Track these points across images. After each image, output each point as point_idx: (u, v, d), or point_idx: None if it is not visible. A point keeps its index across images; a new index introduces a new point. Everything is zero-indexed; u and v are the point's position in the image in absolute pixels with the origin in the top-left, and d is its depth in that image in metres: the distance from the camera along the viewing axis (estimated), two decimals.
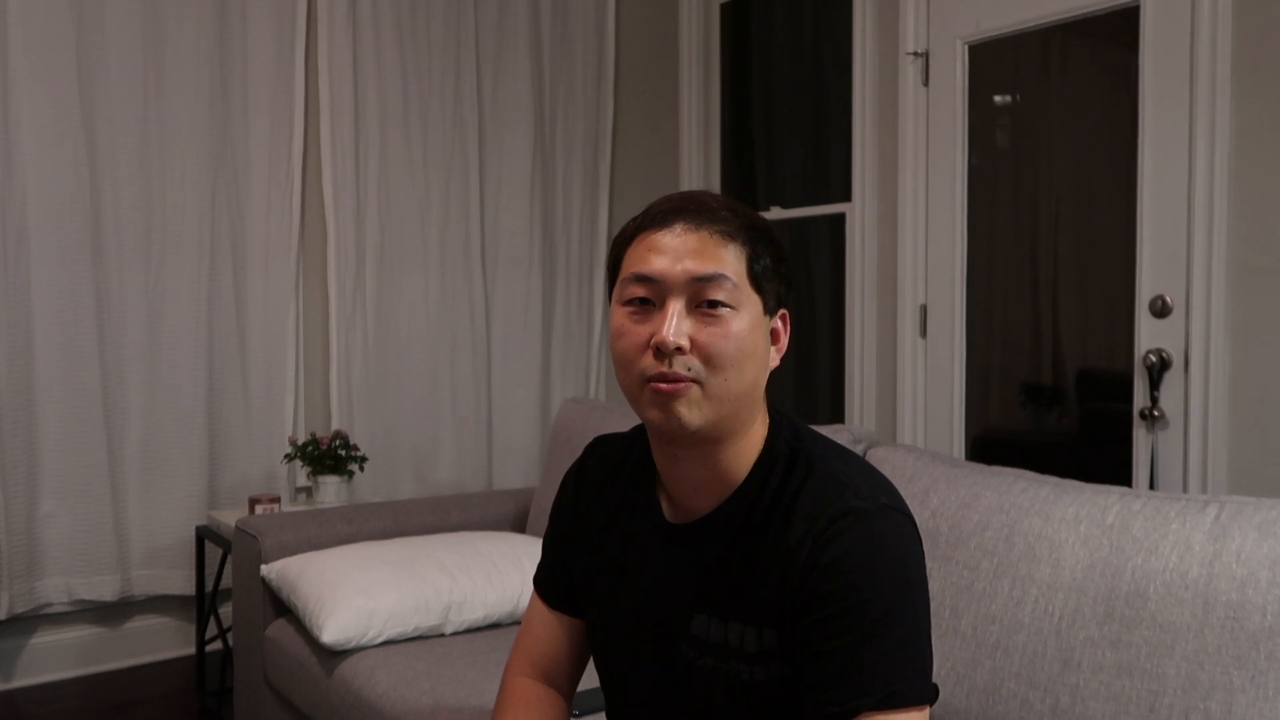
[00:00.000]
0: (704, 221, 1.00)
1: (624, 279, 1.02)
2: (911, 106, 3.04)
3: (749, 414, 1.03)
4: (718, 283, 0.97)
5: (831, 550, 0.96)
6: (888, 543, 0.97)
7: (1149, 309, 2.49)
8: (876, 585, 0.94)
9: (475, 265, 3.44)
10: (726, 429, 1.01)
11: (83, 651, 2.93)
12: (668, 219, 1.01)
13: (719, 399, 0.98)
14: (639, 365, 0.99)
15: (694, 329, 0.97)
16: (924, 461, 1.70)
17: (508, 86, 3.52)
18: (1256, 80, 2.30)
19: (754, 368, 1.00)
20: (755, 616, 1.01)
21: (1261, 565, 1.25)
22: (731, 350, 0.97)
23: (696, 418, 0.98)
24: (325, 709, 1.92)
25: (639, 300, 1.00)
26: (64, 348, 2.79)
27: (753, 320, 1.00)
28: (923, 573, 0.99)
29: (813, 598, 0.96)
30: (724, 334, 0.97)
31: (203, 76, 2.97)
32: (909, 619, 0.96)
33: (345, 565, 2.02)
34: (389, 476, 3.30)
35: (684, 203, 1.02)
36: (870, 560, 0.95)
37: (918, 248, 3.05)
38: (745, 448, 1.03)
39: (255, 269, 3.10)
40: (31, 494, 2.77)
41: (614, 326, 1.02)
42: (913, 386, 3.07)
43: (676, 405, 0.97)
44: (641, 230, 1.02)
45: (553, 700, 1.21)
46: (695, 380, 0.97)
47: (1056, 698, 1.36)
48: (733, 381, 0.98)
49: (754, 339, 1.00)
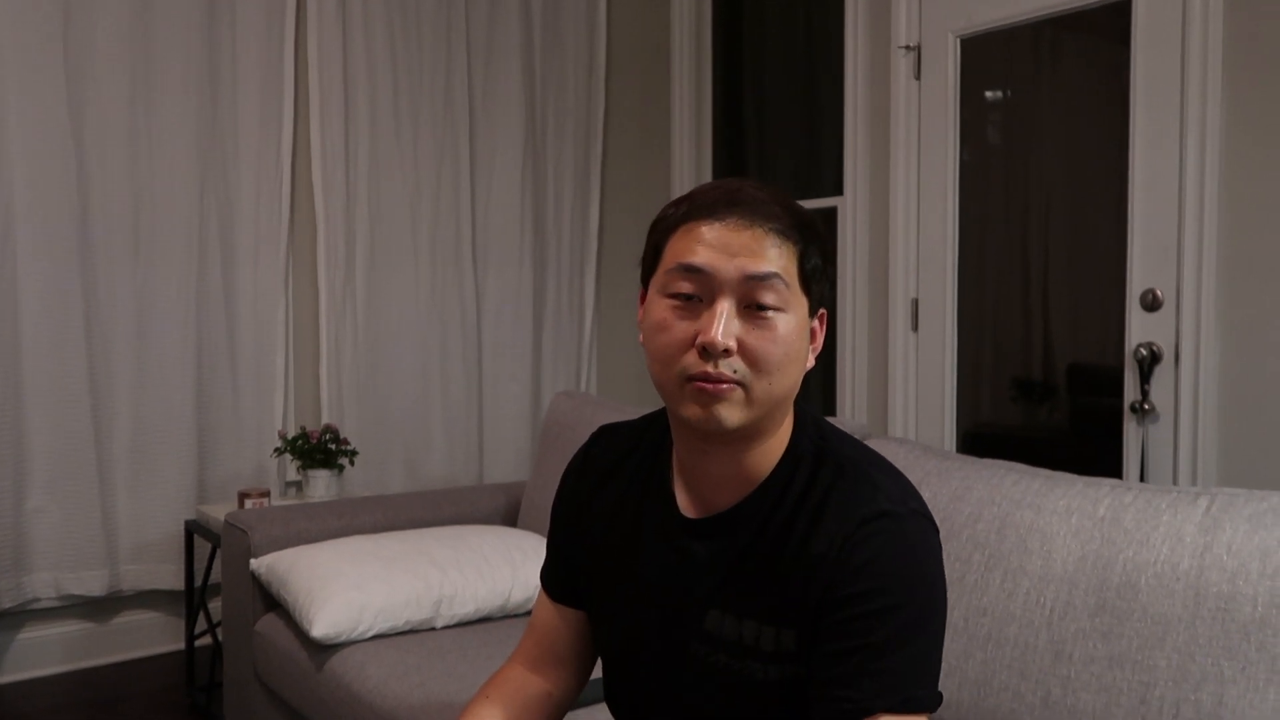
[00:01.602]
0: (758, 217, 0.95)
1: (669, 269, 0.97)
2: (903, 100, 3.04)
3: (782, 414, 1.01)
4: (770, 283, 0.94)
5: (863, 552, 0.94)
6: (918, 549, 0.96)
7: (1140, 303, 2.49)
8: (907, 590, 0.94)
9: (466, 259, 3.43)
10: (761, 429, 0.99)
11: (71, 647, 2.92)
12: (719, 211, 0.96)
13: (760, 403, 0.96)
14: (680, 362, 0.95)
15: (742, 330, 0.94)
16: (916, 454, 1.70)
17: (498, 80, 3.50)
18: (1248, 75, 2.30)
19: (796, 371, 0.98)
20: (774, 616, 0.99)
21: (1252, 557, 1.25)
22: (779, 355, 0.95)
23: (736, 418, 0.95)
24: (315, 703, 1.91)
25: (684, 295, 0.96)
26: (51, 341, 2.77)
27: (799, 323, 0.97)
28: (945, 581, 0.99)
29: (840, 598, 0.94)
30: (773, 338, 0.94)
31: (191, 70, 2.95)
32: (932, 627, 0.96)
33: (335, 559, 2.02)
34: (379, 471, 3.29)
35: (734, 194, 0.97)
36: (903, 564, 0.95)
37: (909, 242, 3.05)
38: (772, 445, 1.02)
39: (244, 263, 3.08)
40: (19, 488, 2.76)
41: (654, 319, 0.98)
42: (904, 381, 3.07)
43: (718, 406, 0.94)
44: (690, 219, 0.98)
45: (525, 684, 1.18)
46: (739, 383, 0.94)
47: (1048, 689, 1.36)
48: (776, 385, 0.96)
49: (799, 342, 0.98)
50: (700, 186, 1.02)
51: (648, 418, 1.17)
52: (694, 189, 1.02)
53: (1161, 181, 2.45)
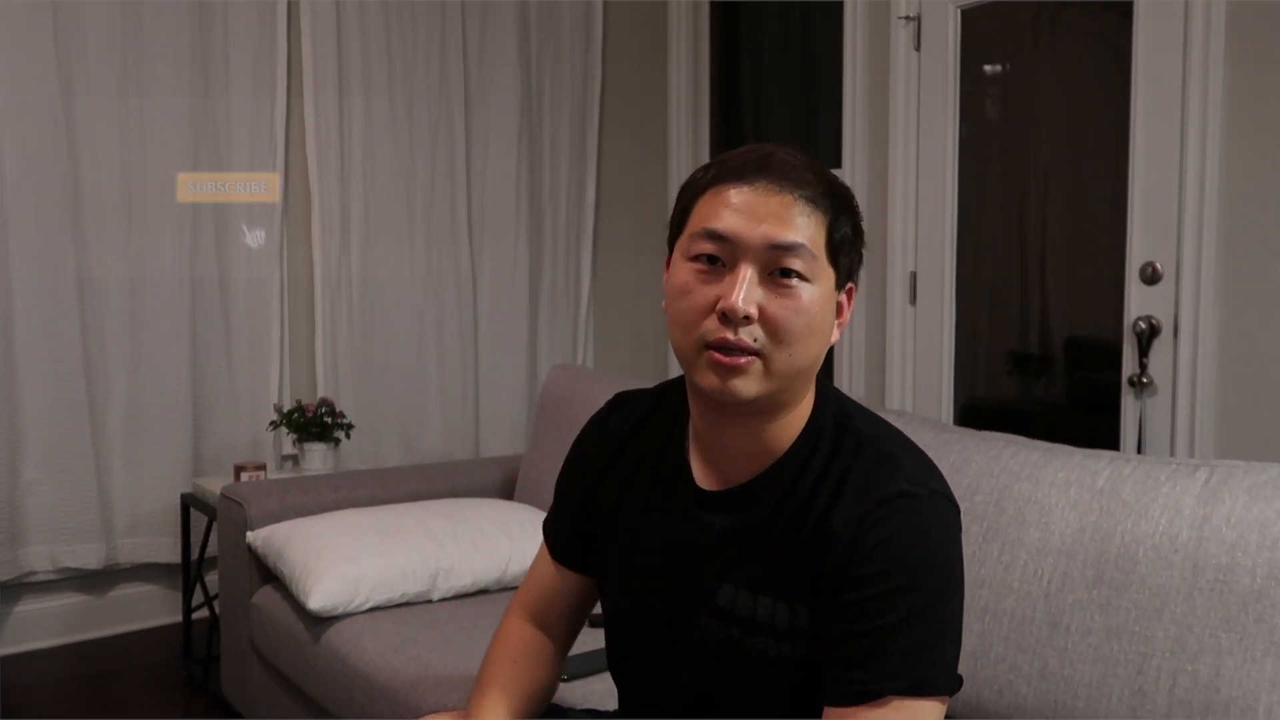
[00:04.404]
0: (786, 183, 0.93)
1: (693, 232, 0.96)
2: (903, 71, 3.01)
3: (804, 387, 1.00)
4: (796, 252, 0.92)
5: (878, 532, 0.93)
6: (935, 530, 0.95)
7: (1139, 276, 2.48)
8: (921, 572, 0.93)
9: (461, 232, 3.41)
10: (780, 402, 0.98)
11: (68, 620, 2.92)
12: (747, 175, 0.94)
13: (779, 375, 0.94)
14: (700, 328, 0.94)
15: (765, 298, 0.93)
16: (914, 426, 1.69)
17: (494, 52, 3.47)
18: (1251, 47, 2.28)
19: (819, 344, 0.96)
20: (789, 592, 0.98)
21: (1251, 529, 1.25)
22: (800, 325, 0.93)
23: (753, 390, 0.94)
24: (312, 675, 1.92)
25: (707, 258, 0.94)
26: (44, 314, 2.75)
27: (824, 294, 0.95)
28: (963, 563, 0.98)
29: (855, 578, 0.93)
30: (796, 307, 0.93)
31: (183, 41, 2.91)
32: (948, 609, 0.95)
33: (332, 532, 2.01)
34: (375, 444, 3.29)
35: (765, 159, 0.95)
36: (918, 546, 0.93)
37: (908, 214, 3.03)
38: (792, 419, 1.00)
39: (238, 235, 3.06)
40: (13, 461, 2.75)
41: (677, 282, 0.96)
42: (902, 354, 3.06)
43: (734, 379, 0.93)
44: (718, 182, 0.96)
45: (539, 643, 1.18)
46: (758, 353, 0.93)
47: (1045, 660, 1.36)
48: (797, 357, 0.94)
49: (824, 314, 0.96)
50: (732, 150, 0.99)
51: (664, 385, 1.15)
52: (726, 153, 1.00)
53: (1162, 154, 2.43)
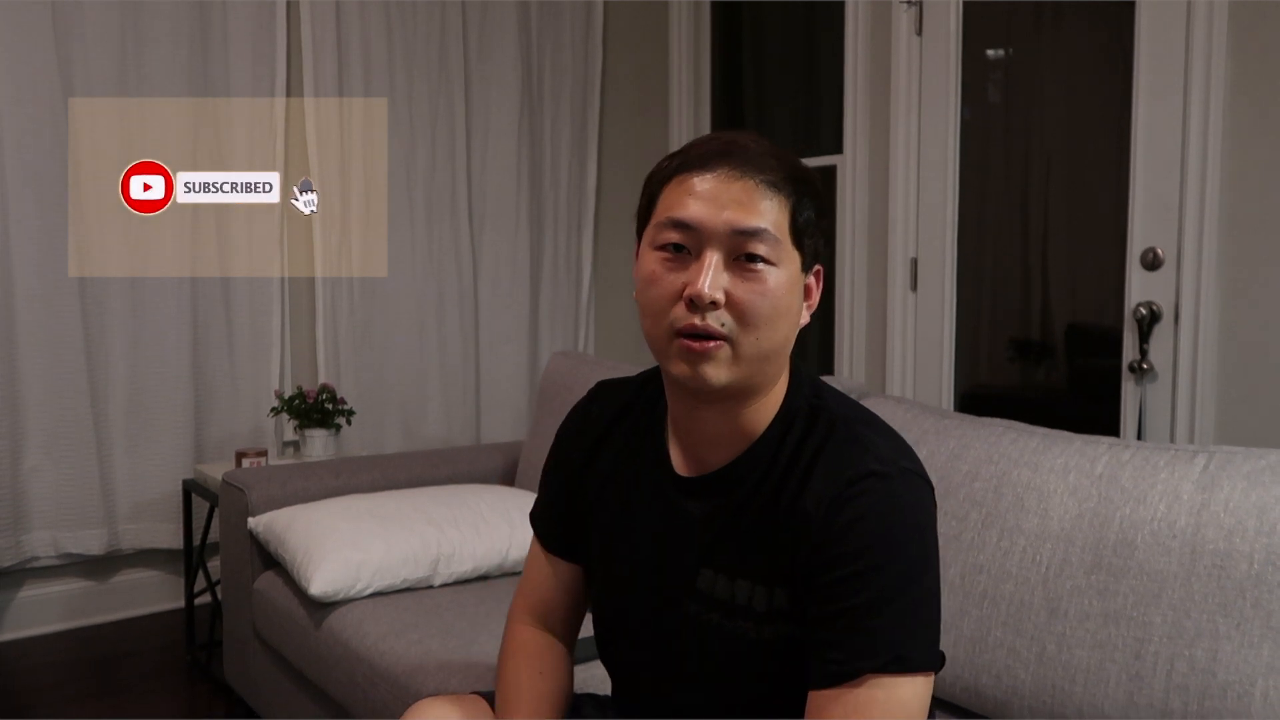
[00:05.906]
0: (749, 169, 0.95)
1: (658, 222, 0.97)
2: (904, 56, 3.00)
3: (775, 371, 1.00)
4: (760, 237, 0.94)
5: (848, 512, 0.94)
6: (905, 508, 0.95)
7: (1140, 262, 2.48)
8: (891, 549, 0.93)
9: (462, 218, 3.41)
10: (752, 386, 0.98)
11: (70, 605, 2.93)
12: (709, 162, 0.96)
13: (748, 359, 0.95)
14: (669, 316, 0.95)
15: (731, 283, 0.94)
16: (913, 412, 1.69)
17: (495, 36, 3.45)
18: (1252, 33, 2.27)
19: (786, 326, 0.97)
20: (766, 575, 0.99)
21: (1249, 514, 1.25)
22: (767, 309, 0.94)
23: (724, 376, 0.95)
24: (314, 660, 1.92)
25: (673, 247, 0.96)
26: (45, 301, 2.75)
27: (790, 277, 0.96)
28: (937, 540, 0.98)
29: (827, 559, 0.94)
30: (761, 291, 0.94)
31: (182, 25, 2.90)
32: (921, 585, 0.95)
33: (333, 518, 2.02)
34: (376, 431, 3.29)
35: (727, 146, 0.96)
36: (888, 524, 0.94)
37: (909, 200, 3.02)
38: (766, 404, 1.01)
39: (239, 221, 3.05)
40: (16, 447, 2.75)
41: (644, 272, 0.98)
42: (902, 340, 3.06)
43: (704, 365, 0.94)
44: (681, 171, 0.97)
45: (554, 649, 1.19)
46: (726, 338, 0.94)
47: (1043, 646, 1.36)
48: (764, 341, 0.95)
49: (790, 297, 0.97)
50: (698, 138, 1.00)
51: (646, 374, 1.16)
52: (690, 142, 1.01)
53: (1164, 140, 2.42)
